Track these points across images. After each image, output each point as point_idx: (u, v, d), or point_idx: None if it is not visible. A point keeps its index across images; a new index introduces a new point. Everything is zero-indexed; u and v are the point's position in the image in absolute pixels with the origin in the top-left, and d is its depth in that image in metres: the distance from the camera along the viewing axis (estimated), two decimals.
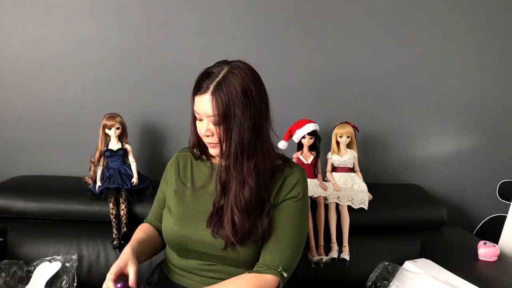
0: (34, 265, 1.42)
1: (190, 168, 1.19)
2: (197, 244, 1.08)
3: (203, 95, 1.00)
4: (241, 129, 0.99)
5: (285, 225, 1.07)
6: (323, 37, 1.81)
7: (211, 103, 0.98)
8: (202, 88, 1.00)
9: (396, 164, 1.91)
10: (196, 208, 1.11)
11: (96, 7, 1.75)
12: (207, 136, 1.04)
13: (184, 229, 1.09)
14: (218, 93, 0.98)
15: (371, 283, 1.44)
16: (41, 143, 1.82)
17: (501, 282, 1.30)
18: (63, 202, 1.55)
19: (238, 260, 1.06)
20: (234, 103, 0.98)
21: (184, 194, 1.15)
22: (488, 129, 1.90)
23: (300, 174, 1.12)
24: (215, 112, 0.99)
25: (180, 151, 1.24)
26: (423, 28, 1.83)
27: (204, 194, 1.13)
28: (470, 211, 1.94)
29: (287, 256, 1.05)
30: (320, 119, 1.65)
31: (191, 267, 1.13)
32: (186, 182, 1.17)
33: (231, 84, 0.99)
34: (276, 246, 1.05)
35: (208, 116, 1.01)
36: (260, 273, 1.03)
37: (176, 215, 1.12)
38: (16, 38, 1.77)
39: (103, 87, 1.80)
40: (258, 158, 1.03)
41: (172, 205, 1.15)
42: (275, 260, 1.04)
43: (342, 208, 1.55)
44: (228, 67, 1.02)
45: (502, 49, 1.85)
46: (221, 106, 0.98)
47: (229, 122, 0.99)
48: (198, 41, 1.78)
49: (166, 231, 1.14)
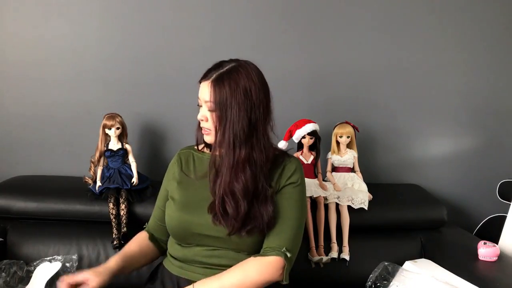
0: (34, 265, 1.42)
1: (193, 161, 1.25)
2: (201, 227, 1.11)
3: (204, 81, 1.09)
4: (235, 121, 1.05)
5: (287, 209, 1.11)
6: (323, 37, 1.81)
7: (209, 89, 1.07)
8: (206, 75, 1.10)
9: (396, 164, 1.91)
10: (199, 196, 1.15)
11: (96, 7, 1.75)
12: (202, 121, 1.12)
13: (188, 214, 1.14)
14: (218, 82, 1.06)
15: (371, 283, 1.44)
16: (41, 143, 1.82)
17: (501, 282, 1.30)
18: (63, 202, 1.55)
19: (242, 245, 1.10)
20: (231, 96, 1.05)
21: (188, 184, 1.20)
22: (488, 129, 1.90)
23: (298, 163, 1.18)
24: (211, 99, 1.07)
25: (182, 149, 1.30)
26: (424, 28, 1.83)
27: (207, 184, 1.17)
28: (470, 211, 1.94)
29: (290, 237, 1.09)
30: (320, 119, 1.65)
31: (194, 255, 1.14)
32: (189, 174, 1.22)
33: (234, 78, 1.06)
34: (279, 228, 1.09)
35: (205, 101, 1.09)
36: (264, 256, 1.06)
37: (180, 202, 1.17)
38: (16, 38, 1.77)
39: (103, 87, 1.80)
40: (253, 151, 1.08)
41: (176, 195, 1.19)
42: (278, 241, 1.08)
43: (342, 208, 1.55)
44: (236, 63, 1.10)
45: (502, 49, 1.85)
46: (218, 94, 1.05)
47: (223, 111, 1.06)
48: (198, 41, 1.78)
49: (169, 219, 1.17)
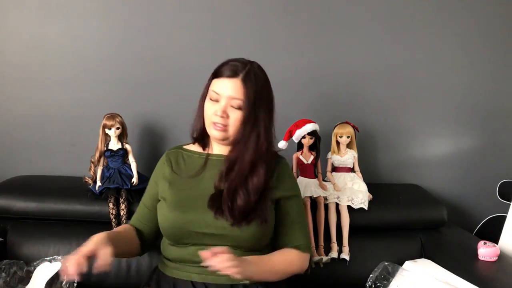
0: (34, 265, 1.42)
1: (183, 161, 1.25)
2: (199, 224, 1.12)
3: (232, 78, 1.10)
4: (260, 118, 1.13)
5: (298, 212, 1.24)
6: (323, 37, 1.81)
7: (239, 87, 1.09)
8: (231, 71, 1.10)
9: (396, 164, 1.91)
10: (194, 194, 1.16)
11: (96, 8, 1.75)
12: (221, 117, 1.11)
13: (184, 213, 1.14)
14: (249, 80, 1.10)
15: (371, 283, 1.44)
16: (41, 143, 1.82)
17: (501, 282, 1.30)
18: (63, 202, 1.55)
19: (240, 240, 1.12)
20: (260, 94, 1.12)
21: (180, 183, 1.20)
22: (488, 129, 1.90)
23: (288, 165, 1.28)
24: (242, 96, 1.09)
25: (170, 150, 1.30)
26: (424, 28, 1.83)
27: (200, 181, 1.18)
28: (470, 211, 1.94)
29: (307, 234, 1.28)
30: (320, 119, 1.65)
31: (189, 255, 1.14)
32: (180, 173, 1.22)
33: (259, 77, 1.13)
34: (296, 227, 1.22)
35: (232, 98, 1.10)
36: (301, 252, 1.20)
37: (173, 202, 1.16)
38: (16, 38, 1.77)
39: (103, 87, 1.79)
40: (270, 147, 1.17)
41: (168, 195, 1.18)
42: (304, 240, 1.23)
43: (342, 208, 1.55)
44: (251, 63, 1.15)
45: (502, 49, 1.85)
46: (250, 92, 1.10)
47: (252, 108, 1.11)
48: (198, 41, 1.78)
49: (164, 219, 1.16)
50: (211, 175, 1.19)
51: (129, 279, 1.21)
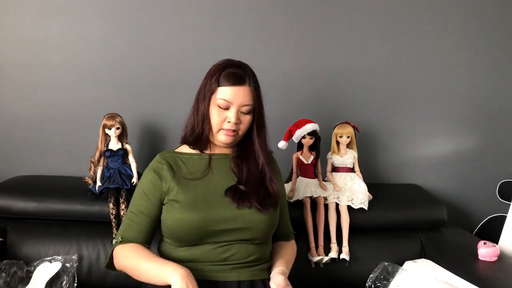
0: (34, 265, 1.42)
1: (183, 164, 1.22)
2: (219, 222, 1.12)
3: (242, 86, 1.13)
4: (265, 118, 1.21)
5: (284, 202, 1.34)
6: (323, 37, 1.81)
7: (250, 94, 1.14)
8: (238, 79, 1.13)
9: (396, 164, 1.91)
10: (206, 194, 1.16)
11: (96, 8, 1.75)
12: (236, 124, 1.14)
13: (203, 212, 1.12)
14: (257, 87, 1.17)
15: (371, 283, 1.44)
16: (41, 143, 1.82)
17: (501, 282, 1.30)
18: (63, 202, 1.55)
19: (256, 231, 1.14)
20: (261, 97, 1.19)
21: (189, 185, 1.17)
22: (488, 129, 1.90)
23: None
24: (253, 102, 1.15)
25: (164, 154, 1.25)
26: (424, 28, 1.83)
27: (209, 181, 1.18)
28: (470, 211, 1.94)
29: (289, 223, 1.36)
30: (320, 119, 1.65)
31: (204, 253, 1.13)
32: (184, 175, 1.19)
33: (256, 78, 1.18)
34: (286, 217, 1.33)
35: (244, 105, 1.14)
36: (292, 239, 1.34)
37: (189, 203, 1.14)
38: (16, 38, 1.77)
39: (103, 87, 1.80)
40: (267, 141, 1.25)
41: (181, 197, 1.15)
42: (291, 227, 1.35)
43: (342, 208, 1.55)
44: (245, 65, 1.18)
45: (502, 49, 1.86)
46: (258, 96, 1.17)
47: (261, 111, 1.19)
48: (198, 41, 1.78)
49: (176, 221, 1.13)
50: (219, 173, 1.20)
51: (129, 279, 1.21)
